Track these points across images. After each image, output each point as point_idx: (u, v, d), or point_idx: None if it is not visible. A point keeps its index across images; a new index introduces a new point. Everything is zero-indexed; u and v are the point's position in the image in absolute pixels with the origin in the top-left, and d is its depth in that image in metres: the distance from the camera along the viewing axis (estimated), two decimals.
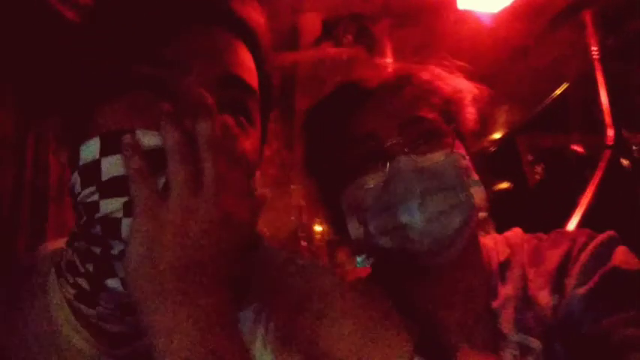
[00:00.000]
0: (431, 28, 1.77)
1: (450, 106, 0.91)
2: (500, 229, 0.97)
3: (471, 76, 1.01)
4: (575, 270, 0.80)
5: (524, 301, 0.81)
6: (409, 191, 0.79)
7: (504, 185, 2.24)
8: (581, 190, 1.72)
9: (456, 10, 1.76)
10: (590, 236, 0.84)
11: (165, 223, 0.53)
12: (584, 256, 0.81)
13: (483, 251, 0.88)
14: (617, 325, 0.73)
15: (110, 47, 0.61)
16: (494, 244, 0.90)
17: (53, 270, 0.71)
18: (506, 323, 0.79)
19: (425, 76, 0.93)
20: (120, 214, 0.58)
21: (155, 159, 0.57)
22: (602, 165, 1.78)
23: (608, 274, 0.77)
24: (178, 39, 0.62)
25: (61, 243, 0.76)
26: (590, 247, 0.81)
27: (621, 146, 1.89)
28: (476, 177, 0.85)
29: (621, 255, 0.80)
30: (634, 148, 1.98)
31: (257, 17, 0.69)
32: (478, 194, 0.82)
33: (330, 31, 1.71)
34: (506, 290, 0.83)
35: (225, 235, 0.55)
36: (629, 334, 0.71)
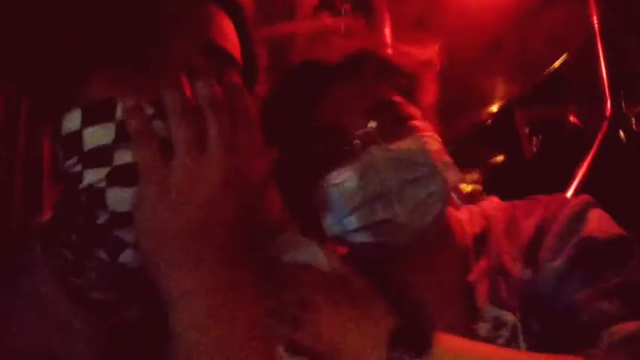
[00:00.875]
0: (430, 0, 1.75)
1: (412, 84, 0.89)
2: None
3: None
4: (549, 242, 0.79)
5: (499, 273, 0.80)
6: (386, 184, 0.77)
7: (501, 157, 2.24)
8: (579, 162, 1.72)
9: None
10: (563, 203, 0.83)
11: (169, 186, 0.52)
12: (556, 227, 0.79)
13: (457, 227, 0.87)
14: (590, 299, 0.72)
15: (92, 20, 0.60)
16: (469, 216, 0.89)
17: (39, 246, 0.71)
18: (481, 297, 0.79)
19: (385, 52, 0.90)
20: (103, 184, 0.57)
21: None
22: (599, 137, 1.78)
23: (581, 244, 0.76)
24: (159, 9, 0.61)
25: (47, 217, 0.77)
26: (563, 215, 0.80)
27: (620, 118, 1.88)
28: (448, 158, 0.83)
29: (595, 222, 0.79)
30: (632, 120, 1.97)
31: None
32: (452, 177, 0.81)
33: (327, 0, 1.68)
34: (482, 264, 0.82)
35: (233, 197, 0.53)
36: (603, 308, 0.71)
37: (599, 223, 0.79)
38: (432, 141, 0.82)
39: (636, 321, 0.69)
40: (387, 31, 1.55)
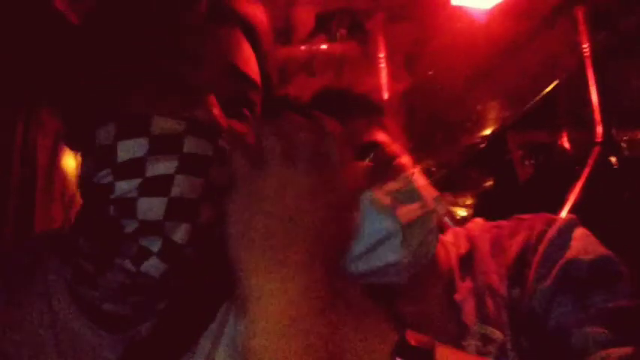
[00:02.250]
0: (424, 24, 1.78)
1: (382, 115, 0.90)
2: None
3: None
4: (535, 262, 0.79)
5: (486, 292, 0.81)
6: (387, 230, 0.76)
7: (494, 181, 2.25)
8: (571, 187, 1.73)
9: (450, 6, 1.77)
10: (548, 223, 0.83)
11: (262, 196, 0.54)
12: (542, 247, 0.80)
13: (441, 250, 0.87)
14: (579, 324, 0.73)
15: (130, 43, 0.67)
16: (454, 238, 0.90)
17: (53, 256, 0.73)
18: (468, 315, 0.80)
19: (356, 89, 0.91)
20: (135, 194, 0.61)
21: (169, 144, 0.62)
22: (590, 162, 1.80)
23: (567, 266, 0.77)
24: (193, 34, 0.67)
25: (53, 233, 0.79)
26: (548, 236, 0.81)
27: (610, 143, 1.91)
28: (435, 191, 0.83)
29: (579, 242, 0.79)
30: (623, 145, 2.00)
31: (259, 16, 0.75)
32: (441, 210, 0.82)
33: (323, 25, 1.71)
34: (468, 283, 0.83)
35: (322, 207, 0.55)
36: (591, 333, 0.72)
37: (584, 243, 0.79)
38: (419, 177, 0.83)
39: (624, 347, 0.70)
40: (382, 55, 1.57)
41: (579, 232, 0.81)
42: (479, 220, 0.94)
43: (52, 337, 0.69)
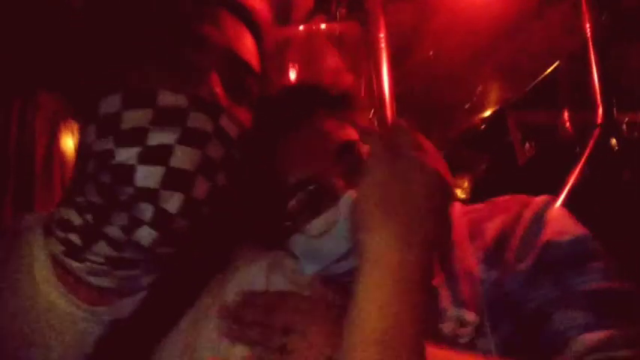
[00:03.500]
0: (425, 3, 1.76)
1: (355, 112, 0.90)
2: None
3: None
4: (514, 244, 0.81)
5: (463, 275, 0.83)
6: None
7: (493, 163, 2.25)
8: (570, 169, 1.73)
9: None
10: (524, 204, 0.85)
11: (397, 173, 0.61)
12: (520, 229, 0.81)
13: None
14: (557, 307, 0.74)
15: (138, 22, 0.71)
16: None
17: (40, 231, 0.75)
18: (445, 299, 0.81)
19: (327, 82, 0.91)
20: (134, 161, 0.64)
21: (174, 116, 0.65)
22: (591, 143, 1.79)
23: (544, 248, 0.78)
24: (197, 21, 0.71)
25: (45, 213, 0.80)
26: (525, 218, 0.82)
27: (611, 125, 1.90)
28: None
29: (555, 224, 0.80)
30: (624, 127, 1.99)
31: (260, 7, 0.80)
32: None
33: (323, 3, 1.69)
34: (445, 267, 0.84)
35: (439, 198, 0.62)
36: (570, 316, 0.73)
37: (561, 224, 0.81)
38: None
39: (603, 330, 0.71)
40: (383, 35, 1.56)
41: (555, 212, 0.83)
42: (456, 205, 0.95)
43: (31, 307, 0.70)
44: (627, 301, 0.75)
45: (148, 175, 0.64)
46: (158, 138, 0.65)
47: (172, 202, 0.65)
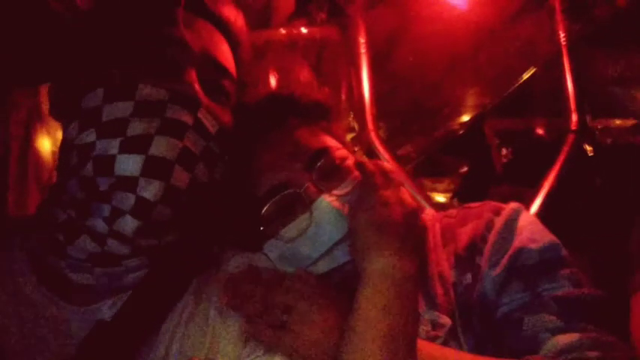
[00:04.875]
0: (404, 10, 1.78)
1: (329, 117, 0.93)
2: None
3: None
4: (487, 250, 0.83)
5: (436, 279, 0.85)
6: (341, 231, 0.80)
7: (471, 168, 2.28)
8: (545, 174, 1.76)
9: None
10: (496, 211, 0.87)
11: (387, 204, 0.74)
12: (492, 236, 0.84)
13: None
14: (529, 311, 0.77)
15: (120, 23, 0.75)
16: None
17: (17, 233, 0.76)
18: (420, 303, 0.82)
19: (301, 89, 0.93)
20: (115, 151, 0.66)
21: (153, 108, 0.68)
22: (565, 149, 1.83)
23: (516, 255, 0.81)
24: (173, 25, 0.74)
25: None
26: (497, 225, 0.85)
27: (585, 131, 1.94)
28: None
29: (526, 231, 0.83)
30: (597, 133, 2.04)
31: (235, 18, 0.84)
32: None
33: (303, 8, 1.69)
34: (420, 272, 0.85)
35: (417, 222, 0.77)
36: (542, 320, 0.76)
37: (531, 231, 0.84)
38: (369, 176, 0.83)
39: (573, 333, 0.74)
40: (363, 40, 1.57)
41: (526, 219, 0.86)
42: (430, 211, 0.97)
43: (13, 306, 0.71)
44: (595, 306, 0.77)
45: (127, 164, 0.66)
46: (138, 128, 0.67)
47: (151, 190, 0.66)
